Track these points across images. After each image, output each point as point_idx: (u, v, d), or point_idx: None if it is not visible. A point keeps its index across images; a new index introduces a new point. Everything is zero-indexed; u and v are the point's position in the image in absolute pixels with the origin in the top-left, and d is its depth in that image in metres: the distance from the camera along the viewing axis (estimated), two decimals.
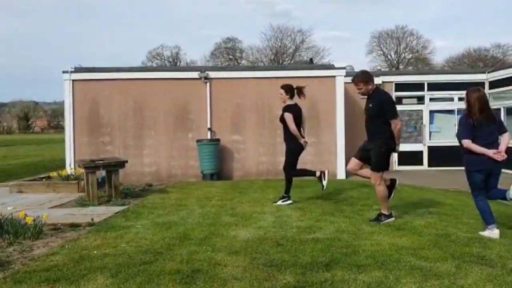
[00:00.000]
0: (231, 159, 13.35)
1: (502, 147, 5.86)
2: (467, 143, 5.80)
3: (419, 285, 3.90)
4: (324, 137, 13.29)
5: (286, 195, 7.87)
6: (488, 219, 5.78)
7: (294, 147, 7.85)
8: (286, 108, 7.86)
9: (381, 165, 6.34)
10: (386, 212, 6.39)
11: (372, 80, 6.44)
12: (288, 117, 7.77)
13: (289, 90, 7.92)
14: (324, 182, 7.80)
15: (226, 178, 12.89)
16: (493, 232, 5.68)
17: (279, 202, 7.73)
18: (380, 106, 6.26)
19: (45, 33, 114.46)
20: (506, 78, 15.00)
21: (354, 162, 6.61)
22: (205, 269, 4.30)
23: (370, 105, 6.35)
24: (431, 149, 15.59)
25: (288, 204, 7.72)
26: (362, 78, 6.41)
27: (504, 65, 23.08)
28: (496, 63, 40.18)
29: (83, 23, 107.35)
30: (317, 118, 13.22)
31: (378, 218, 6.35)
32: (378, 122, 6.28)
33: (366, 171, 6.56)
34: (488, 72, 16.20)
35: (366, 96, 6.47)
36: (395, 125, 6.25)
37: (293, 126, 7.71)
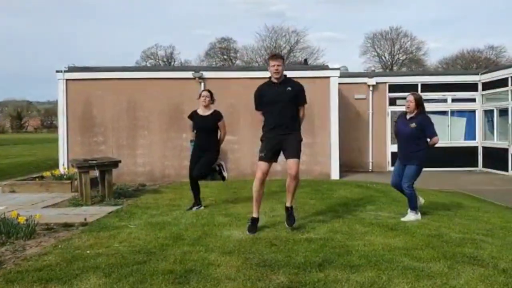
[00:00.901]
0: (225, 159, 13.32)
1: None
2: (438, 140, 6.67)
3: (412, 285, 3.91)
4: (318, 138, 13.32)
5: (200, 203, 7.59)
6: (416, 204, 6.67)
7: (216, 156, 7.60)
8: (220, 114, 7.58)
9: (301, 153, 5.91)
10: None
11: None
12: (225, 123, 7.57)
13: (212, 96, 7.69)
14: (225, 174, 7.81)
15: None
16: (418, 215, 6.62)
17: (194, 209, 7.40)
18: (298, 92, 5.93)
19: (39, 32, 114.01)
20: (499, 79, 15.10)
21: (267, 165, 5.88)
22: (199, 269, 4.30)
23: (289, 88, 5.87)
24: None
25: (202, 209, 7.42)
26: (283, 57, 6.04)
27: (497, 67, 23.21)
28: (489, 65, 40.42)
29: (78, 23, 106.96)
30: (311, 118, 13.23)
31: (294, 217, 5.89)
32: (293, 109, 5.92)
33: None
34: (481, 74, 16.31)
35: (277, 77, 5.85)
36: (304, 111, 6.08)
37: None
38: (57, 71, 13.34)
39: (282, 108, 5.83)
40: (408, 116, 6.66)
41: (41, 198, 8.90)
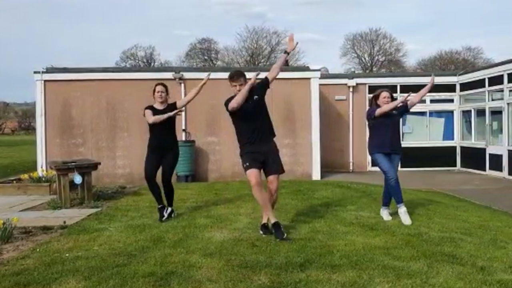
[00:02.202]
0: (206, 160, 13.30)
1: None
2: None
3: (392, 284, 3.95)
4: (299, 139, 13.36)
5: (172, 208, 6.92)
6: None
7: (178, 154, 6.96)
8: (175, 102, 7.01)
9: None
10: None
11: None
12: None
13: (167, 90, 7.01)
14: (165, 215, 6.64)
15: (202, 180, 12.84)
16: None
17: (173, 214, 6.81)
18: (260, 89, 5.74)
19: (16, 32, 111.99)
20: (476, 80, 15.34)
21: (257, 171, 5.62)
22: (180, 271, 4.27)
23: (256, 96, 5.66)
24: (403, 150, 15.80)
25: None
26: (244, 75, 5.78)
27: (474, 68, 23.60)
28: (467, 66, 41.04)
29: (55, 23, 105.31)
30: (292, 119, 13.28)
31: (282, 230, 5.50)
32: (267, 113, 5.78)
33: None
34: (459, 75, 16.55)
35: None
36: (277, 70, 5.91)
37: None
38: (35, 72, 13.14)
39: (260, 119, 5.68)
40: None
41: (19, 201, 8.74)
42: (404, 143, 16.38)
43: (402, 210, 6.46)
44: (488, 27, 79.62)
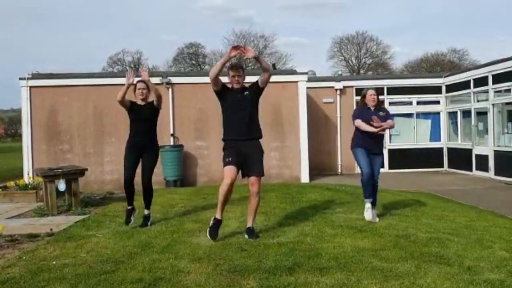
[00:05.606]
0: (195, 165, 13.27)
1: None
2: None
3: (380, 286, 3.96)
4: (287, 141, 13.39)
5: (149, 211, 6.87)
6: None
7: (157, 156, 6.86)
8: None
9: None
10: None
11: None
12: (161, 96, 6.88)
13: (149, 87, 6.94)
14: (132, 219, 6.70)
15: (190, 185, 12.81)
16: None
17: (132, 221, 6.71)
18: (254, 89, 5.70)
19: (1, 37, 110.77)
20: (462, 82, 15.51)
21: (235, 169, 5.53)
22: (168, 277, 4.24)
23: (247, 92, 5.64)
24: (391, 151, 15.92)
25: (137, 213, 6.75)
26: (243, 68, 5.83)
27: (460, 70, 23.84)
28: (453, 67, 41.43)
29: (41, 27, 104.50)
30: (280, 122, 13.31)
31: (255, 233, 5.70)
32: (256, 113, 5.69)
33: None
34: (445, 77, 16.71)
35: (238, 87, 5.65)
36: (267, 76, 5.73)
37: None
38: (20, 78, 13.03)
39: (247, 115, 5.61)
40: (372, 109, 6.85)
41: (5, 209, 8.64)
42: (392, 145, 16.67)
43: (367, 205, 6.68)
44: (473, 30, 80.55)
